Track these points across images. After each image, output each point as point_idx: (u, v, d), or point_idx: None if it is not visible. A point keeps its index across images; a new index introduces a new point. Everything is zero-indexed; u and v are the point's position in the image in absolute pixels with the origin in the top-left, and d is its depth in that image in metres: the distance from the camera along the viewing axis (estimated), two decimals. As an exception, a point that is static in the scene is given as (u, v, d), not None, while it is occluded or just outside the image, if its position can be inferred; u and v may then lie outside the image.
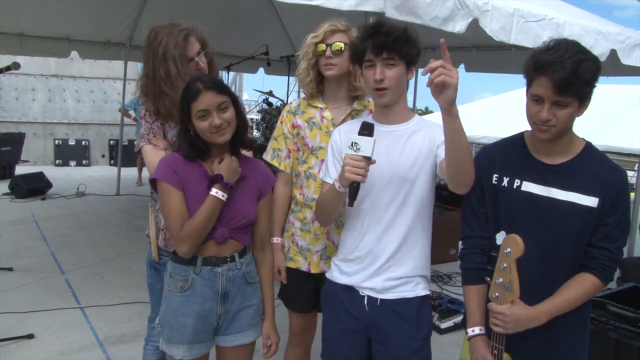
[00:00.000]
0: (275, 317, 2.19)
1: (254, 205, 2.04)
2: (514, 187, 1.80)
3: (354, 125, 2.07)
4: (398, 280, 1.98)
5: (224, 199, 1.91)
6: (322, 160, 2.27)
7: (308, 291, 2.44)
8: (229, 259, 1.99)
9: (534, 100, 1.66)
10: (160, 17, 2.35)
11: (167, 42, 2.18)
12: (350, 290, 2.03)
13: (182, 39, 2.20)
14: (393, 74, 1.88)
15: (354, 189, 1.79)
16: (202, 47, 2.30)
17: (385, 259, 1.97)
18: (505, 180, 1.82)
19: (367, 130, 1.80)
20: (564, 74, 1.56)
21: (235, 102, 1.97)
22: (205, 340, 2.01)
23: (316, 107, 2.38)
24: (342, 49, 2.23)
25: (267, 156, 2.46)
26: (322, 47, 2.25)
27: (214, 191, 1.89)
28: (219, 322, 2.03)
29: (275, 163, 2.43)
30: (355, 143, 1.76)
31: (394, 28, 1.87)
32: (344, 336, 2.04)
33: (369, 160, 1.77)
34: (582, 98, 1.63)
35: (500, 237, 1.79)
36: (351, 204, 1.83)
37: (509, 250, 1.60)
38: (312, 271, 2.37)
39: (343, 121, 2.31)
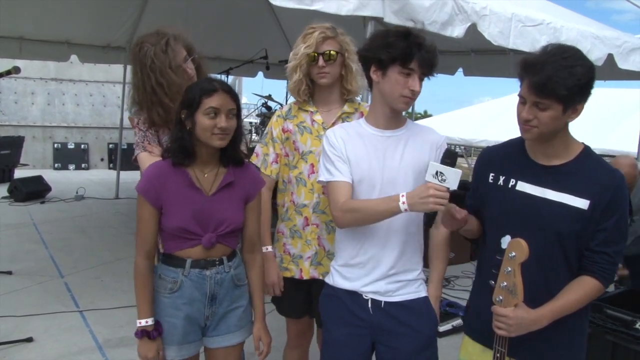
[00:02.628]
0: (273, 319, 2.20)
1: (240, 211, 2.03)
2: (509, 186, 1.83)
3: (348, 128, 2.07)
4: (401, 283, 2.00)
5: None
6: (312, 165, 2.29)
7: (300, 298, 2.45)
8: (217, 262, 2.01)
9: (520, 100, 1.71)
10: (159, 21, 2.36)
11: (155, 52, 2.19)
12: (353, 294, 2.03)
13: (169, 47, 2.21)
14: (420, 88, 1.92)
15: (433, 213, 1.81)
16: (188, 52, 2.30)
17: (389, 266, 1.98)
18: (502, 179, 1.86)
19: (449, 159, 1.75)
20: (541, 77, 1.60)
21: (239, 114, 1.97)
22: (194, 340, 2.04)
23: (307, 111, 2.37)
24: (335, 57, 2.25)
25: (258, 162, 2.43)
26: (314, 55, 2.24)
27: None
28: (206, 323, 2.05)
29: (262, 168, 2.40)
30: (441, 173, 1.70)
31: (433, 47, 1.90)
32: (349, 339, 2.03)
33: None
34: (566, 102, 1.64)
35: (505, 241, 1.79)
36: (430, 226, 1.87)
37: (513, 254, 1.61)
38: (304, 277, 2.36)
39: (334, 124, 2.29)
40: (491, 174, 1.88)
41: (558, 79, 1.59)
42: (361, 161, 1.98)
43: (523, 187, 1.78)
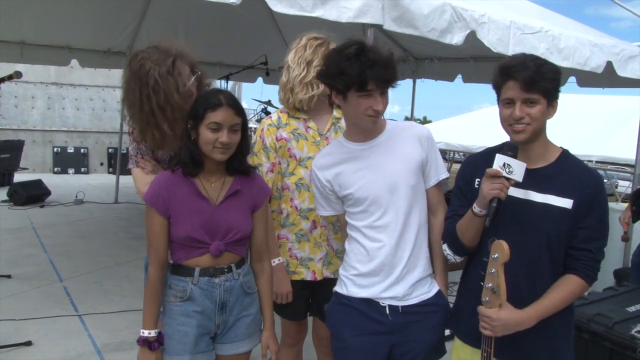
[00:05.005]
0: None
1: (248, 219, 2.04)
2: None
3: (332, 153, 2.09)
4: (415, 285, 2.02)
5: None
6: None
7: (304, 300, 2.48)
8: (226, 270, 2.01)
9: (505, 104, 1.78)
10: (160, 26, 2.36)
11: (160, 73, 2.06)
12: (369, 301, 2.03)
13: (176, 69, 2.09)
14: (387, 101, 1.92)
15: (494, 208, 1.73)
16: (191, 69, 2.20)
17: (401, 268, 2.00)
18: None
19: (512, 151, 1.73)
20: (529, 72, 1.70)
21: (245, 126, 1.99)
22: (206, 350, 2.02)
23: (298, 119, 2.38)
24: None
25: None
26: None
27: None
28: (216, 332, 2.05)
29: None
30: (508, 165, 1.70)
31: (392, 60, 1.88)
32: (366, 346, 2.04)
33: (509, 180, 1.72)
34: (549, 96, 1.74)
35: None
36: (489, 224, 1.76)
37: (496, 255, 1.66)
38: (318, 278, 2.39)
39: (328, 130, 2.37)
40: (477, 180, 1.91)
41: (543, 73, 1.71)
42: (357, 180, 2.01)
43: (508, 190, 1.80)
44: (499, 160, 1.71)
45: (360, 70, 1.82)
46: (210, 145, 1.90)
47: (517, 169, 1.71)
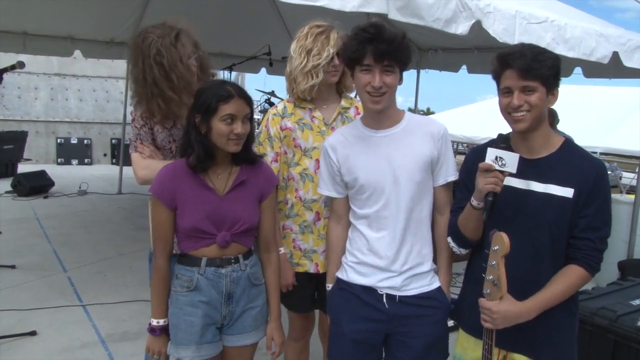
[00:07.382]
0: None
1: (255, 210, 2.04)
2: None
3: (347, 134, 2.08)
4: (414, 277, 2.01)
5: None
6: (317, 160, 2.29)
7: (309, 292, 2.47)
8: (233, 260, 2.01)
9: (504, 94, 1.77)
10: (162, 16, 2.35)
11: (163, 44, 2.15)
12: (368, 289, 2.04)
13: (179, 42, 2.18)
14: (390, 80, 1.89)
15: (490, 202, 1.73)
16: (194, 48, 2.27)
17: (402, 261, 1.99)
18: None
19: (504, 143, 1.74)
20: (526, 60, 1.70)
21: (252, 117, 1.98)
22: (213, 340, 2.02)
23: (304, 108, 2.36)
24: None
25: None
26: (334, 54, 2.25)
27: None
28: (223, 323, 2.05)
29: None
30: (501, 158, 1.71)
31: (396, 35, 1.86)
32: (361, 334, 2.04)
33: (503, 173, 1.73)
34: (547, 84, 1.73)
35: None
36: (486, 218, 1.77)
37: (496, 247, 1.65)
38: (321, 271, 2.38)
39: (334, 120, 2.34)
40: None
41: (540, 60, 1.71)
42: (364, 166, 2.00)
43: (509, 181, 1.79)
44: (491, 153, 1.71)
45: (358, 43, 1.86)
46: (225, 138, 1.89)
47: (510, 160, 1.70)
